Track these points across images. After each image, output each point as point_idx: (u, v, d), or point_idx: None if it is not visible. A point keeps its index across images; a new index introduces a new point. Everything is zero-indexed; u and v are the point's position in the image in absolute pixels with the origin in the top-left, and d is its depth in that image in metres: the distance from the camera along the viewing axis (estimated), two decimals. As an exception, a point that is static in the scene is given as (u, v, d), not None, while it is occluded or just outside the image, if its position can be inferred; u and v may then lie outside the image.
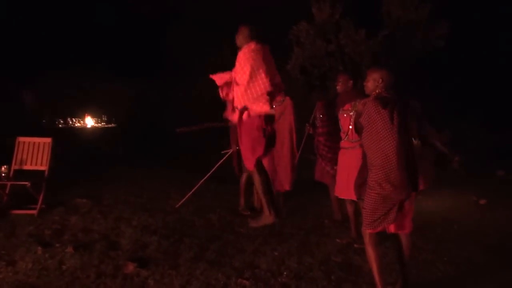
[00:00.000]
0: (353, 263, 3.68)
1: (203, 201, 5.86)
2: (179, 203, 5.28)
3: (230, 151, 5.51)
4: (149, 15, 14.90)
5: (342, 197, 4.08)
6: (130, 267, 3.43)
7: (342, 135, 4.03)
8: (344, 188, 3.95)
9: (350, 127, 3.89)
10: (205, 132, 13.51)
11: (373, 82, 3.05)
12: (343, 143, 4.03)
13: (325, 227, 4.78)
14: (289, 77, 11.70)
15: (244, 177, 5.37)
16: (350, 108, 3.92)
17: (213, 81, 4.44)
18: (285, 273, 3.41)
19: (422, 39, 11.08)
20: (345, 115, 3.96)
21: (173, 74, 14.44)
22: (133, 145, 10.41)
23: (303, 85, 11.99)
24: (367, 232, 2.93)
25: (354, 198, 3.69)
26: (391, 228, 2.99)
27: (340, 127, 4.06)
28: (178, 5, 14.44)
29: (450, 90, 11.01)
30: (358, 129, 3.55)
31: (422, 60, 10.79)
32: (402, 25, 11.19)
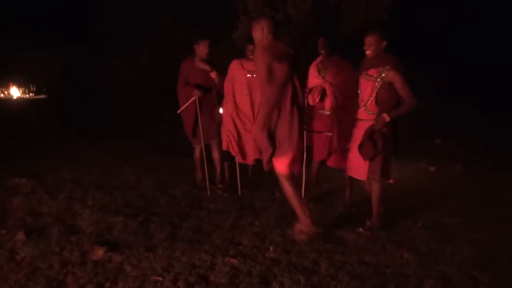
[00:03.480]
0: (335, 234, 3.60)
1: (161, 176, 5.46)
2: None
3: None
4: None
5: (356, 176, 3.77)
6: (99, 252, 3.04)
7: (361, 102, 3.65)
8: (358, 166, 3.65)
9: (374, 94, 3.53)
10: (140, 103, 12.81)
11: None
12: (360, 114, 3.66)
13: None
14: (235, 47, 11.30)
15: (197, 150, 5.03)
16: (375, 75, 3.49)
17: (148, 49, 4.02)
18: (271, 248, 3.24)
19: (365, 12, 11.23)
20: (370, 81, 3.52)
21: (106, 41, 13.33)
22: (68, 118, 9.48)
23: (250, 55, 11.66)
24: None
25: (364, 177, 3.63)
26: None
27: (359, 93, 3.68)
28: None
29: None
30: (380, 99, 3.38)
31: (365, 33, 10.96)
32: (347, -4, 11.22)
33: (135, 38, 13.60)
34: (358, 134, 3.61)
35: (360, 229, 3.61)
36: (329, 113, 4.22)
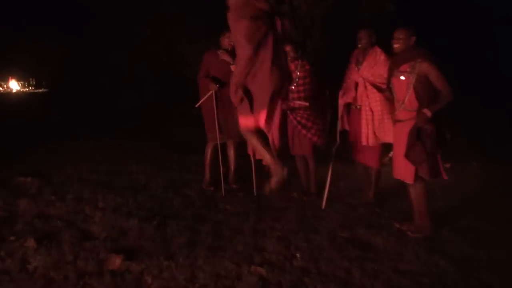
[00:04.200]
0: (362, 239, 3.44)
1: (172, 174, 5.26)
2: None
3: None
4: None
5: (402, 179, 3.55)
6: (117, 261, 2.85)
7: (397, 104, 3.49)
8: (405, 169, 3.43)
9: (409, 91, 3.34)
10: (142, 97, 12.55)
11: None
12: (398, 114, 3.48)
13: (309, 199, 4.46)
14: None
15: (209, 148, 4.75)
16: (408, 70, 3.35)
17: (149, 41, 3.69)
18: (297, 255, 3.06)
19: (373, 3, 10.99)
20: (401, 77, 3.38)
21: (106, 33, 13.00)
22: (69, 112, 9.22)
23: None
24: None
25: (411, 180, 3.43)
26: None
27: (393, 93, 3.53)
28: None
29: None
30: (418, 94, 3.21)
31: (373, 24, 10.71)
32: (353, -12, 10.98)
33: (135, 31, 13.28)
34: (400, 136, 3.43)
35: (409, 233, 3.47)
36: (359, 107, 4.04)
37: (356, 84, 4.10)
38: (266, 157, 2.98)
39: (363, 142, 4.06)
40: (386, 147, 4.11)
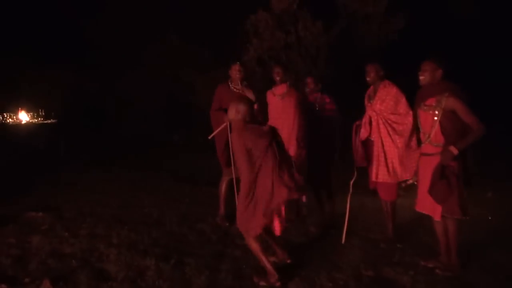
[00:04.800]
0: (387, 277, 3.31)
1: (185, 208, 5.17)
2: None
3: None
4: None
5: (427, 213, 3.48)
6: (136, 305, 2.74)
7: (422, 136, 3.45)
8: (431, 204, 3.34)
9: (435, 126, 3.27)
10: (149, 127, 12.60)
11: None
12: (424, 148, 3.43)
13: (328, 234, 4.37)
14: (245, 69, 11.14)
15: (224, 183, 4.62)
16: (434, 104, 3.28)
17: (157, 71, 3.76)
18: (324, 296, 2.94)
19: (377, 33, 11.18)
20: (430, 111, 3.29)
21: (114, 63, 13.19)
22: (79, 143, 9.22)
23: (261, 78, 11.50)
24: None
25: (438, 217, 3.34)
26: None
27: (420, 126, 3.47)
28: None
29: (404, 85, 11.28)
30: (444, 129, 3.15)
31: (377, 54, 10.86)
32: (358, 19, 11.19)
33: (143, 59, 13.48)
34: (425, 170, 3.35)
35: (438, 271, 3.33)
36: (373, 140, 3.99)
37: (370, 119, 4.06)
38: (266, 266, 3.15)
39: (372, 178, 3.98)
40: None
